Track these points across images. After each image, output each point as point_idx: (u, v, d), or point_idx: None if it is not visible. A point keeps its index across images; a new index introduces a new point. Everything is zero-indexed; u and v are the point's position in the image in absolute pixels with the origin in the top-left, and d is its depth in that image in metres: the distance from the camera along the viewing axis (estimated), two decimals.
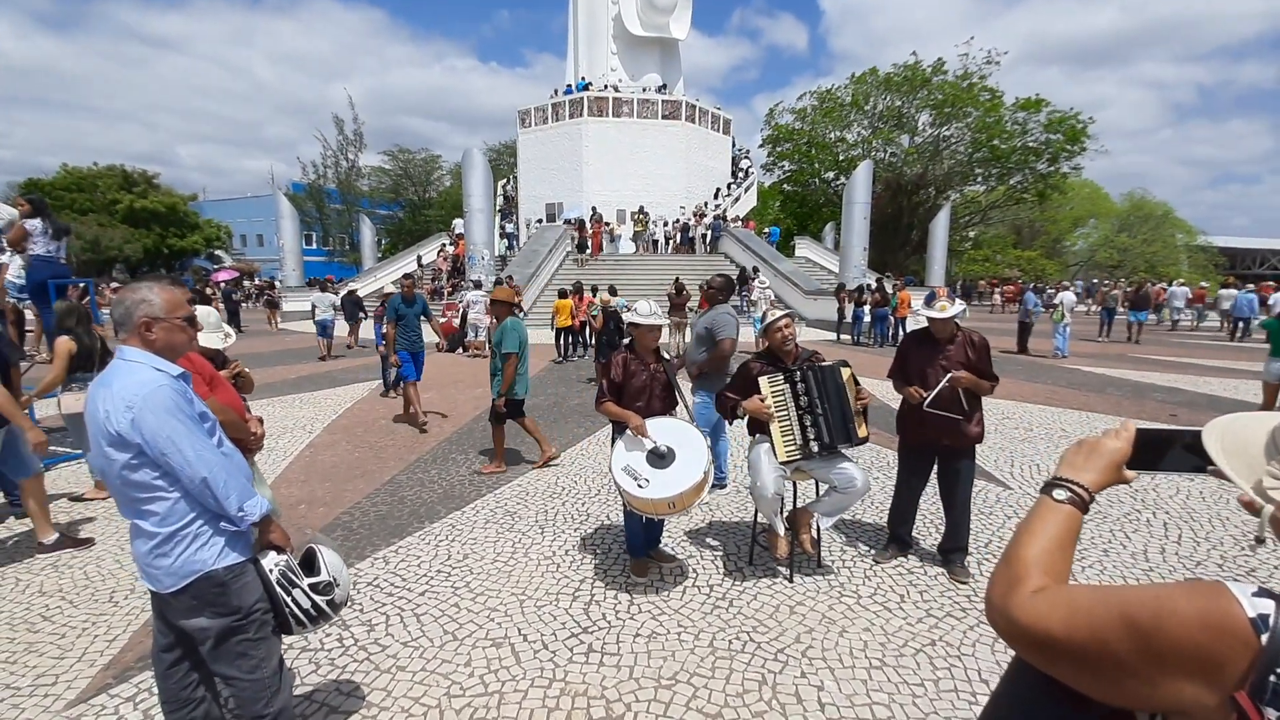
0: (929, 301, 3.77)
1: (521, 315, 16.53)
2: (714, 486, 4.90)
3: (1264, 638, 0.64)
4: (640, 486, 3.30)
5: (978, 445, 3.74)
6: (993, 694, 0.98)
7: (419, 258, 27.46)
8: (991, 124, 32.83)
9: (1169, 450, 0.94)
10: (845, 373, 3.60)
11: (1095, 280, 37.05)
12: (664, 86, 28.87)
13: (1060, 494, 0.94)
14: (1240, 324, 18.25)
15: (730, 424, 3.97)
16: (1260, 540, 0.84)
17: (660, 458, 3.39)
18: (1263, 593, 0.68)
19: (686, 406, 3.73)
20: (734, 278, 21.43)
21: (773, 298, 17.06)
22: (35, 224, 5.88)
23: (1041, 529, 0.91)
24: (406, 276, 8.13)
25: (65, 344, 4.47)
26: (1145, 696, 0.72)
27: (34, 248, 6.18)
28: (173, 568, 1.89)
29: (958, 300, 3.76)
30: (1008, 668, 0.96)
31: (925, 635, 3.10)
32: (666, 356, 3.83)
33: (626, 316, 3.82)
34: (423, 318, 7.71)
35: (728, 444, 5.14)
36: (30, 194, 6.58)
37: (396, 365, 7.03)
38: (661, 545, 3.91)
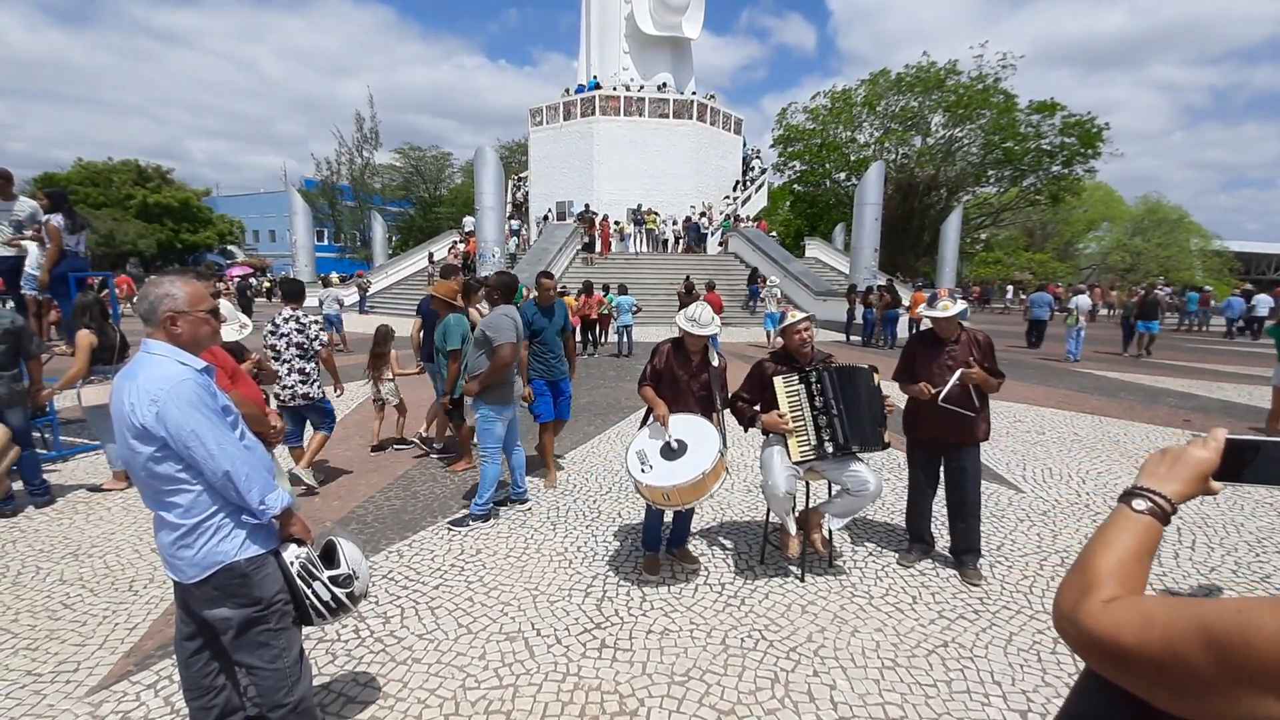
0: (931, 302, 3.81)
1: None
2: (512, 501, 4.72)
3: None
4: (644, 471, 3.39)
5: (983, 444, 3.77)
6: (1061, 708, 0.96)
7: (430, 254, 27.55)
8: (1005, 125, 32.58)
9: (1257, 460, 0.89)
10: (875, 379, 3.60)
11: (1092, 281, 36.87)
12: (663, 85, 28.65)
13: (1140, 504, 0.89)
14: (1232, 324, 21.19)
15: (745, 432, 3.95)
16: None
17: (672, 450, 3.44)
18: None
19: (720, 414, 3.70)
20: (750, 274, 21.38)
21: (779, 295, 17.07)
22: (59, 220, 5.96)
23: (1118, 539, 0.87)
24: (546, 275, 5.21)
25: (86, 337, 4.54)
26: (1225, 712, 0.70)
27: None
28: (195, 559, 1.92)
29: (959, 300, 3.81)
30: (1077, 680, 0.93)
31: (938, 637, 3.09)
32: (715, 363, 3.80)
33: (680, 323, 3.75)
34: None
35: (522, 455, 4.77)
36: (51, 188, 6.64)
37: (529, 401, 4.96)
38: (686, 547, 3.90)
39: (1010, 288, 37.76)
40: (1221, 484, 0.92)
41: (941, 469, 3.84)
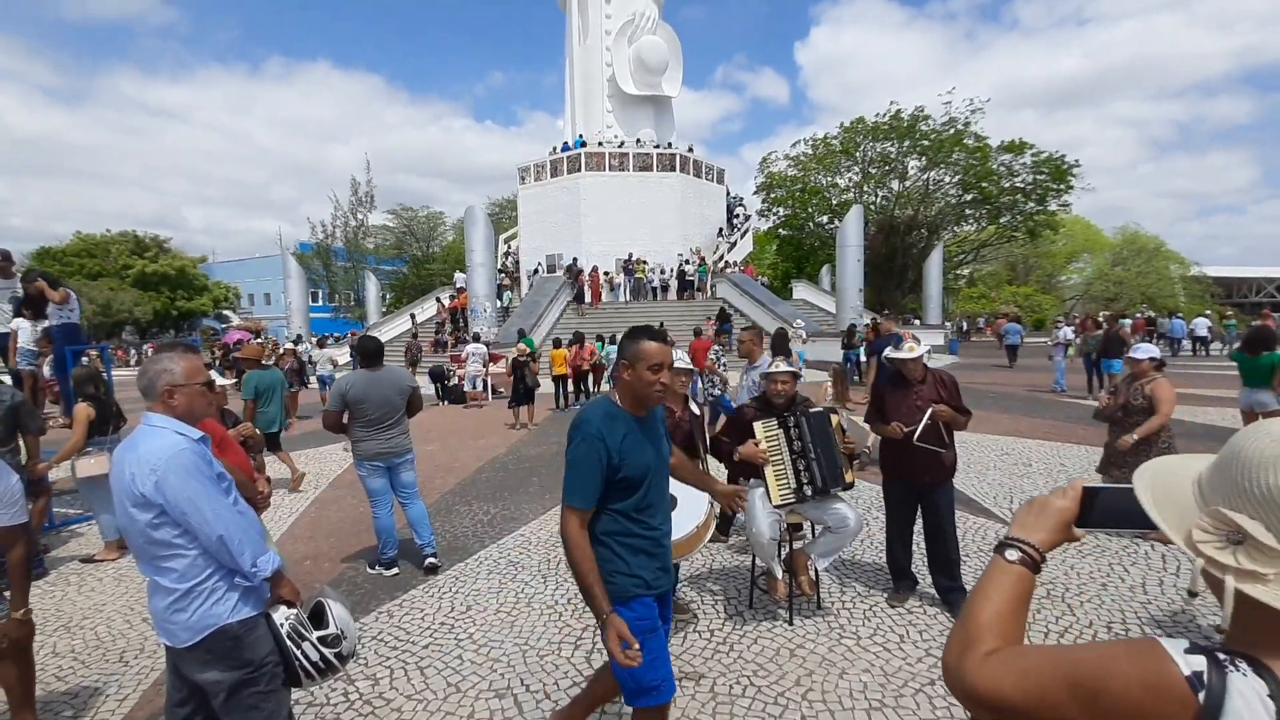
0: (897, 345, 3.99)
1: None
2: (429, 559, 4.66)
3: (1201, 695, 0.66)
4: None
5: (971, 476, 3.90)
6: None
7: (413, 315, 27.49)
8: (977, 166, 33.65)
9: (1114, 507, 0.92)
10: (834, 419, 3.72)
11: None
12: (640, 140, 29.50)
13: (1012, 554, 0.93)
14: (1174, 345, 24.23)
15: (727, 470, 4.05)
16: (1193, 594, 0.82)
17: None
18: (1195, 648, 0.70)
19: (705, 459, 3.77)
20: (719, 313, 21.74)
21: (805, 337, 17.16)
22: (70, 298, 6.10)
23: (995, 590, 0.91)
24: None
25: (84, 410, 4.63)
26: None
27: (50, 318, 6.41)
28: (189, 622, 1.99)
29: (922, 342, 4.01)
30: None
31: (925, 675, 3.12)
32: (695, 409, 3.90)
33: None
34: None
35: (420, 509, 4.73)
36: (29, 272, 6.74)
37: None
38: (676, 596, 3.90)
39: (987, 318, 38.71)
40: (1083, 531, 0.95)
41: (919, 506, 3.92)
